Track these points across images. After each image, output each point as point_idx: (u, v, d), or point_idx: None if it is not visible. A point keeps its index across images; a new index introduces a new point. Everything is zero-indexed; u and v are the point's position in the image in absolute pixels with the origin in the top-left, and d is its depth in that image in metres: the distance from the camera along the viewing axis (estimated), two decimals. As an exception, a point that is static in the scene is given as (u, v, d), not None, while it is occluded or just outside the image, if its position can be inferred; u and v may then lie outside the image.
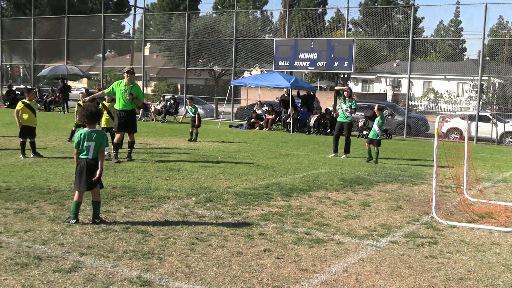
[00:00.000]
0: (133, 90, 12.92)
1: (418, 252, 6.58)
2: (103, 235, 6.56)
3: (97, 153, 7.11)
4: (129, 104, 13.01)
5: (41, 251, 5.89)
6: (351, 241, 6.91)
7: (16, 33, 43.20)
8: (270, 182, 10.88)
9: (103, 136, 7.27)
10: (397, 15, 41.96)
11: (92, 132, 7.13)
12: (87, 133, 7.09)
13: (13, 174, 10.30)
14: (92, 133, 7.12)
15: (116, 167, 11.75)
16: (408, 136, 27.15)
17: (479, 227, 7.96)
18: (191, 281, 5.27)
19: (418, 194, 10.52)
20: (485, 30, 25.89)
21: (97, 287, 4.99)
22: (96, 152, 7.10)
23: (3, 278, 5.09)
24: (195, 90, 50.31)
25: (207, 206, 8.45)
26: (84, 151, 7.05)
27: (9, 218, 7.08)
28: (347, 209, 8.83)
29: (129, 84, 12.92)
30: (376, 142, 14.92)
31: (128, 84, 12.91)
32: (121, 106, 12.97)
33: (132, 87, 12.92)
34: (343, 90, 16.02)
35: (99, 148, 7.12)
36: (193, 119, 19.33)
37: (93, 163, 7.07)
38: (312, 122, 25.62)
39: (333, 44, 28.24)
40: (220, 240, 6.65)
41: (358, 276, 5.65)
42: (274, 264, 5.89)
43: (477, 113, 26.03)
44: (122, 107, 12.96)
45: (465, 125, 14.72)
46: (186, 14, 34.81)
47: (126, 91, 12.84)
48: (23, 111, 12.78)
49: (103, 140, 7.22)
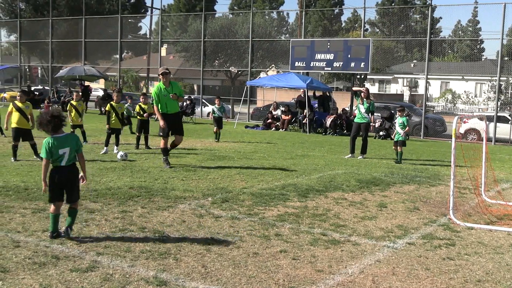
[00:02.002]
0: (175, 89, 12.38)
1: (435, 254, 6.53)
2: (119, 235, 6.60)
3: (74, 157, 6.51)
4: (176, 106, 12.56)
5: (59, 250, 5.94)
6: (368, 242, 6.88)
7: (34, 34, 43.65)
8: (286, 182, 10.86)
9: (76, 139, 6.62)
10: (414, 15, 41.75)
11: (63, 137, 6.42)
12: (58, 139, 6.36)
13: (31, 174, 10.40)
14: (64, 138, 6.42)
15: (133, 168, 11.80)
16: (425, 137, 27.00)
17: (498, 229, 7.89)
18: (207, 281, 5.28)
19: (435, 195, 10.45)
20: (504, 30, 25.66)
21: (114, 286, 5.02)
22: (74, 157, 6.50)
23: (21, 277, 5.14)
24: (211, 91, 50.39)
25: (223, 207, 8.46)
26: (59, 159, 6.36)
27: (27, 218, 7.15)
28: (364, 210, 8.79)
29: (168, 85, 12.31)
30: (400, 142, 14.98)
31: (167, 85, 12.29)
32: (168, 109, 12.32)
33: (172, 87, 12.36)
34: (361, 91, 15.96)
35: (75, 152, 6.52)
36: (219, 120, 19.26)
37: (72, 170, 6.49)
38: (329, 122, 25.56)
39: (350, 44, 28.17)
40: (236, 240, 6.65)
41: (374, 277, 5.62)
42: (290, 265, 5.88)
43: (495, 114, 25.80)
44: (170, 110, 12.36)
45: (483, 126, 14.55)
46: (202, 15, 34.91)
47: (169, 92, 12.25)
48: (13, 113, 12.56)
49: (78, 143, 6.60)
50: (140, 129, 15.71)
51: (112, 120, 14.35)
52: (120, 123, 14.62)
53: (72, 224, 6.49)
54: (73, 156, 6.48)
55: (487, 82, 43.67)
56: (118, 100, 14.71)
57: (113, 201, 8.45)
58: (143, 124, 15.76)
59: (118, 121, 14.40)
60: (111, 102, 14.64)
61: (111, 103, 14.59)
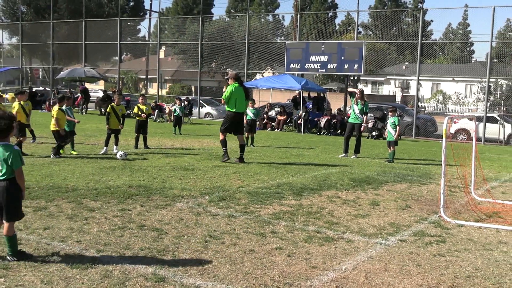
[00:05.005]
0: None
1: (426, 251, 6.54)
2: (119, 233, 6.59)
3: (7, 173, 5.41)
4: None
5: (60, 248, 5.93)
6: (361, 240, 6.89)
7: (36, 36, 43.58)
8: (281, 181, 10.87)
9: (11, 151, 5.41)
10: (406, 18, 41.80)
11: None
12: None
13: (32, 174, 10.38)
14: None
15: (132, 167, 11.79)
16: (416, 136, 27.04)
17: (487, 226, 7.91)
18: (205, 277, 5.28)
19: (426, 193, 10.47)
20: (493, 32, 25.77)
21: (114, 283, 5.01)
22: (6, 172, 5.41)
23: (23, 273, 5.13)
24: (208, 92, 50.36)
25: (220, 205, 8.46)
26: None
27: (29, 216, 7.13)
28: (357, 208, 8.80)
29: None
30: (392, 142, 15.03)
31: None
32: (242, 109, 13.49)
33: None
34: (355, 93, 15.99)
35: (9, 166, 5.39)
36: (252, 123, 17.92)
37: (1, 185, 5.41)
38: (323, 123, 25.58)
39: (343, 46, 28.19)
40: (232, 238, 6.65)
41: (367, 273, 5.63)
42: (285, 261, 5.88)
43: (484, 114, 25.85)
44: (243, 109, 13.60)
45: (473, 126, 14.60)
46: (200, 18, 34.91)
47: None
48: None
49: (13, 156, 5.39)
50: (138, 129, 15.70)
51: (113, 120, 14.36)
52: (120, 124, 14.62)
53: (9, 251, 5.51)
54: (6, 171, 5.42)
55: (477, 84, 43.81)
56: (118, 102, 14.71)
57: (112, 199, 8.44)
58: (142, 125, 15.75)
59: (117, 122, 14.41)
60: (111, 104, 14.66)
61: (111, 104, 14.60)
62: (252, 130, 17.77)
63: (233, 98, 13.14)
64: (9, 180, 5.44)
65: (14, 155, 5.42)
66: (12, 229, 5.48)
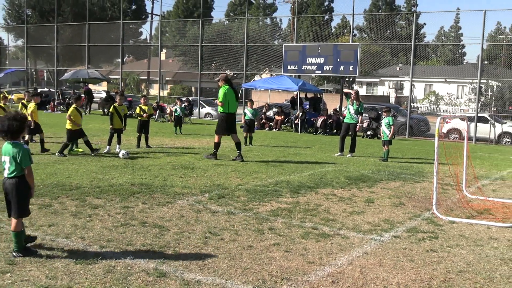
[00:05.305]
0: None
1: (419, 246, 6.55)
2: (122, 230, 6.59)
3: (17, 170, 5.45)
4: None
5: (64, 244, 5.92)
6: (356, 236, 6.90)
7: (40, 39, 43.50)
8: (279, 179, 10.87)
9: (20, 149, 5.44)
10: (400, 22, 41.81)
11: (9, 144, 5.48)
12: (4, 146, 5.51)
13: (37, 172, 10.36)
14: (8, 145, 5.48)
15: (134, 165, 11.79)
16: (410, 136, 27.05)
17: (478, 223, 7.92)
18: (205, 272, 5.28)
19: (419, 191, 10.48)
20: (484, 35, 25.79)
21: (116, 278, 5.01)
22: (15, 169, 5.44)
23: (28, 269, 5.13)
24: (208, 93, 50.32)
25: (219, 202, 8.46)
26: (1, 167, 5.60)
27: (34, 213, 7.12)
28: (352, 205, 8.80)
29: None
30: (386, 141, 15.04)
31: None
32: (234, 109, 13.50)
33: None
34: (350, 93, 16.00)
35: (18, 164, 5.43)
36: (250, 123, 18.08)
37: (10, 182, 5.46)
38: (319, 123, 25.58)
39: (339, 49, 28.19)
40: (232, 234, 6.65)
41: (362, 268, 5.64)
42: (283, 257, 5.89)
43: (476, 115, 25.89)
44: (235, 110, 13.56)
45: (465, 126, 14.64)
46: (200, 21, 34.90)
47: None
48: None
49: (22, 154, 5.42)
50: (140, 129, 15.68)
51: (116, 119, 14.38)
52: (122, 124, 14.62)
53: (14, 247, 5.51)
54: (15, 168, 5.45)
55: (468, 85, 43.85)
56: (121, 103, 14.71)
57: (115, 197, 8.44)
58: (144, 125, 15.73)
59: (120, 122, 14.42)
60: (114, 104, 14.66)
61: (114, 105, 14.61)
62: (250, 130, 17.88)
63: (226, 99, 13.16)
64: (18, 177, 5.46)
65: (24, 153, 5.45)
66: (20, 225, 5.50)
